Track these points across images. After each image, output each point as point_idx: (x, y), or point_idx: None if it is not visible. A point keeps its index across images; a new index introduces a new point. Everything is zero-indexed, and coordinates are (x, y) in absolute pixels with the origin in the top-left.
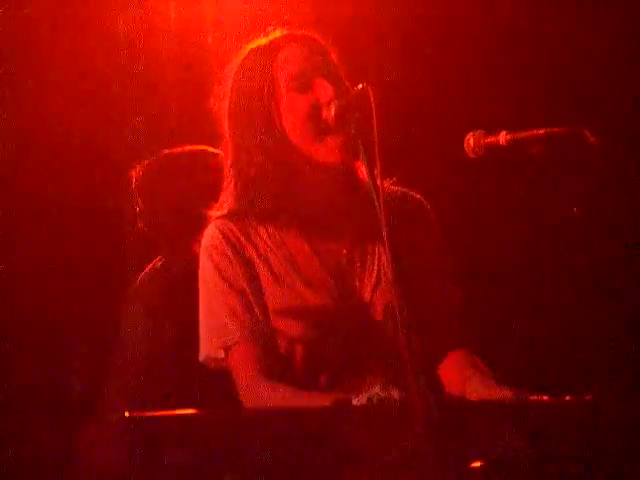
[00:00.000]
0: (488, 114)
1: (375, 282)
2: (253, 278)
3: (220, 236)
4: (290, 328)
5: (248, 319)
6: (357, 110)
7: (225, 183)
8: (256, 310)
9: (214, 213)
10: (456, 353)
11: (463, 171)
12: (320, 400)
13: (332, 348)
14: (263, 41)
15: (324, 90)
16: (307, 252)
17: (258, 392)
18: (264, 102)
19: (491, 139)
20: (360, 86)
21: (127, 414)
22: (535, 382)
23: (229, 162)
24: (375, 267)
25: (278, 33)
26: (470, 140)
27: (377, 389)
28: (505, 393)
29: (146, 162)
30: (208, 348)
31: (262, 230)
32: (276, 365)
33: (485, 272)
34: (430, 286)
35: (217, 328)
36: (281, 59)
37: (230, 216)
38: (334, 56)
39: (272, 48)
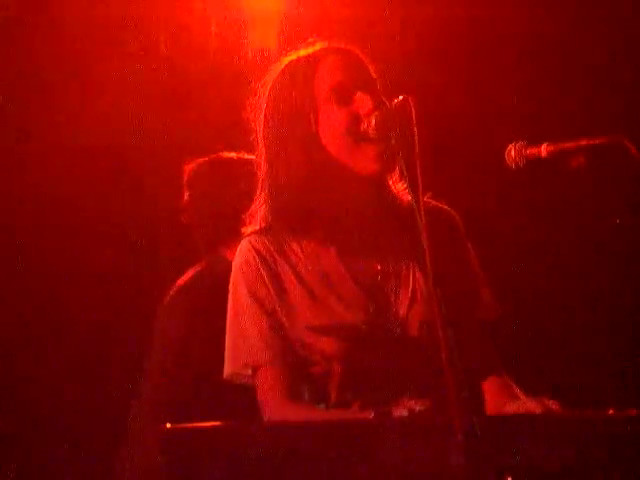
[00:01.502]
0: (528, 124)
1: (411, 298)
2: (286, 296)
3: (253, 253)
4: (324, 345)
5: (278, 342)
6: (398, 121)
7: (257, 195)
8: (287, 331)
9: (247, 229)
10: (491, 380)
11: (503, 182)
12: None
13: (368, 366)
14: (303, 52)
15: (364, 102)
16: (341, 268)
17: (284, 415)
18: (303, 113)
19: (532, 150)
20: (401, 97)
21: (169, 426)
22: (571, 398)
23: (263, 174)
24: (410, 283)
25: (318, 46)
26: (512, 151)
27: (415, 403)
28: (547, 406)
29: (201, 160)
30: (234, 365)
31: (296, 245)
32: (306, 387)
33: (527, 287)
34: (466, 304)
35: (246, 347)
36: (321, 71)
37: (263, 231)
38: (372, 70)
39: (313, 60)
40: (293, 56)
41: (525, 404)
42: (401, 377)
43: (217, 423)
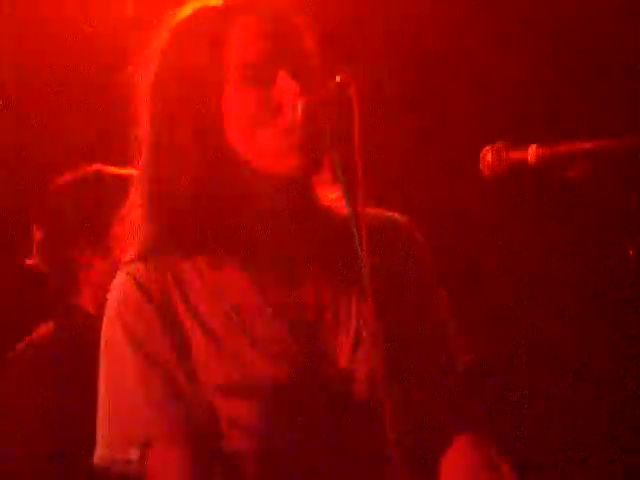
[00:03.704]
0: (511, 120)
1: (353, 342)
2: (183, 345)
3: (134, 287)
4: (236, 412)
5: (175, 409)
6: (333, 110)
7: (135, 208)
8: (187, 394)
9: (124, 255)
10: (462, 443)
11: (477, 194)
12: None
13: (296, 440)
14: (213, 2)
15: (286, 85)
16: (256, 302)
17: None
18: (205, 93)
19: (516, 155)
20: (338, 78)
21: None
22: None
23: (146, 176)
24: (353, 320)
25: None
26: (488, 155)
27: None
28: None
29: (59, 181)
30: (113, 446)
31: (193, 274)
32: (216, 469)
33: (506, 325)
34: (426, 345)
35: (130, 419)
36: (233, 36)
37: (146, 257)
38: (310, 39)
39: (224, 17)
40: (197, 4)
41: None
42: (344, 456)
43: None
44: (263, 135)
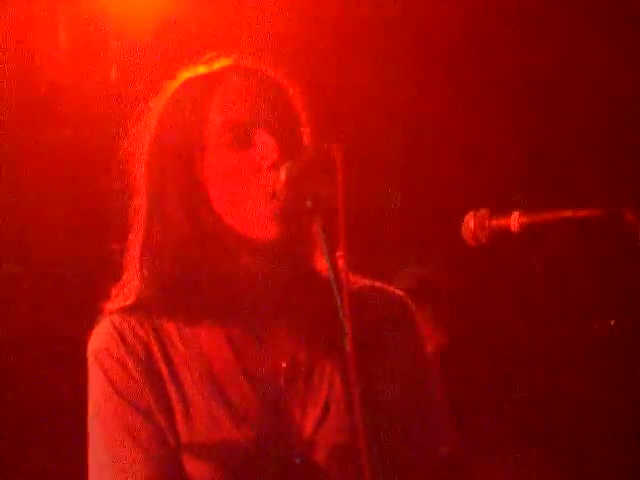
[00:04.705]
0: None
1: (321, 412)
2: (162, 396)
3: (116, 335)
4: (200, 472)
5: (155, 447)
6: (317, 176)
7: (127, 266)
8: (168, 437)
9: (110, 305)
10: None
11: (461, 260)
12: None
13: None
14: (201, 70)
15: (267, 147)
16: (231, 365)
17: None
18: (188, 155)
19: (499, 222)
20: (324, 144)
21: None
22: None
23: (139, 239)
24: (324, 391)
25: (223, 62)
26: (470, 222)
27: None
28: None
29: None
30: None
31: (174, 332)
32: None
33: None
34: (411, 424)
35: (112, 464)
36: (217, 99)
37: (132, 309)
38: (297, 103)
39: (209, 82)
40: (190, 73)
41: None
42: None
43: None
44: (245, 201)
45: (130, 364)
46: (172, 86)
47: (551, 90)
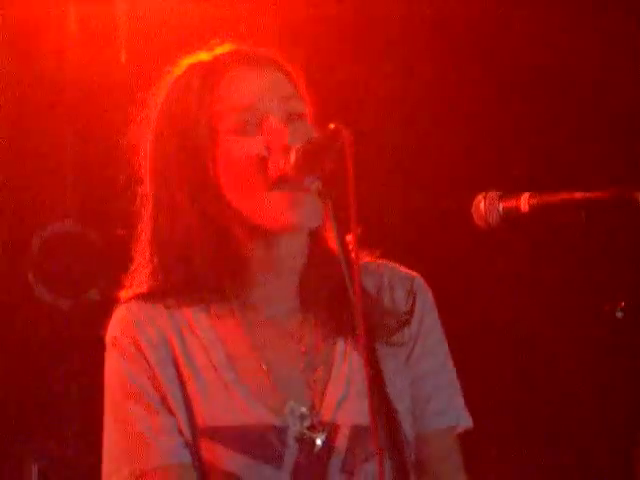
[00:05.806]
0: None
1: (341, 395)
2: (178, 382)
3: (132, 323)
4: (219, 457)
5: (166, 438)
6: (326, 158)
7: (142, 245)
8: (181, 425)
9: (126, 292)
10: None
11: (471, 244)
12: None
13: None
14: (204, 56)
15: (277, 133)
16: (248, 350)
17: None
18: (197, 146)
19: (509, 203)
20: (332, 126)
21: None
22: None
23: (148, 225)
24: (344, 374)
25: (226, 48)
26: (481, 205)
27: None
28: None
29: None
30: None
31: (190, 318)
32: None
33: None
34: (424, 409)
35: (126, 450)
36: (223, 86)
37: (147, 296)
38: (302, 87)
39: (213, 69)
40: (193, 59)
41: None
42: None
43: None
44: (257, 189)
45: (147, 350)
46: (174, 73)
47: (555, 86)
